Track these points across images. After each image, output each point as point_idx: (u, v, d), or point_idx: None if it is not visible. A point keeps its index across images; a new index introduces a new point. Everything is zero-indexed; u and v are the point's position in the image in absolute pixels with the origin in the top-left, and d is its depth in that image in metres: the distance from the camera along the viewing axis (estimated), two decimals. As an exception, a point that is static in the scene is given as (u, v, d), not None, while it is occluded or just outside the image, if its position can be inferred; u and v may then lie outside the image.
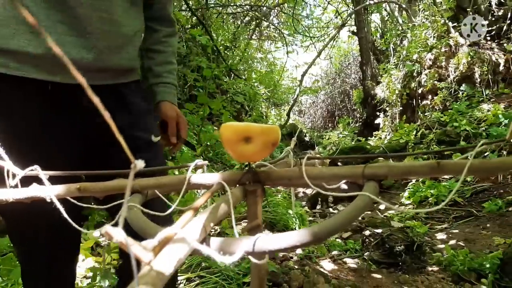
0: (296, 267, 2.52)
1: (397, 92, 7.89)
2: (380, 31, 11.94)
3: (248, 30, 11.40)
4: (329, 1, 11.88)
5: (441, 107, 6.58)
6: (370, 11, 11.08)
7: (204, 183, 0.55)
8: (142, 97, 1.24)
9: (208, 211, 0.40)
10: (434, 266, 2.69)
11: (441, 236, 3.39)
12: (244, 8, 10.41)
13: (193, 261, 2.28)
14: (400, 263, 2.70)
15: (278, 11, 11.66)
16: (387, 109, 8.56)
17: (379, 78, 9.39)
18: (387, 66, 8.60)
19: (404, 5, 9.18)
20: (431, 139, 5.56)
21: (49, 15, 0.94)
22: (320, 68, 16.53)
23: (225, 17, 10.12)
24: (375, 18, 12.67)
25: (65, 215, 0.53)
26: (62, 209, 0.53)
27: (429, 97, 7.05)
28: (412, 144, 5.97)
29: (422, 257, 2.76)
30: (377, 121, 9.08)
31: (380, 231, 3.02)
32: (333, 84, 15.26)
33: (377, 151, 6.25)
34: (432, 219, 3.97)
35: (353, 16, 9.97)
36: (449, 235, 3.37)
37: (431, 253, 2.89)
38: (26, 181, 0.57)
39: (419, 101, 7.31)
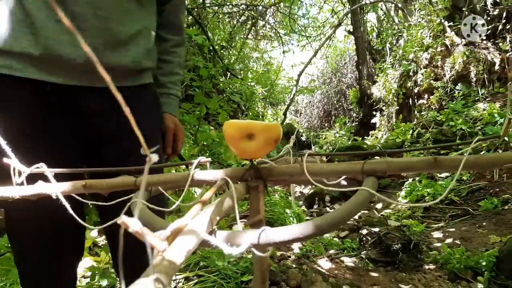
0: (294, 266, 2.53)
1: (393, 92, 7.93)
2: (376, 31, 11.99)
3: (244, 30, 11.41)
4: (325, 1, 11.90)
5: (437, 106, 6.62)
6: (366, 11, 11.12)
7: (208, 180, 0.56)
8: (148, 103, 1.22)
9: (214, 206, 0.41)
10: (431, 264, 2.71)
11: (438, 235, 3.42)
12: (240, 8, 10.42)
13: (191, 260, 2.29)
14: (397, 262, 2.72)
15: (274, 11, 11.68)
16: (384, 109, 8.60)
17: (375, 78, 9.43)
18: (383, 66, 8.64)
19: (400, 5, 9.22)
20: (428, 138, 5.59)
21: (48, 15, 0.95)
22: (316, 68, 16.57)
23: (221, 17, 10.13)
24: (371, 18, 12.73)
25: (71, 212, 0.54)
26: (68, 206, 0.54)
27: (425, 97, 7.09)
28: (409, 143, 6.00)
29: (419, 256, 2.79)
30: (374, 121, 9.12)
31: (377, 230, 3.04)
32: (329, 84, 15.29)
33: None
34: (429, 218, 4.00)
35: (349, 16, 10.01)
36: (446, 234, 3.40)
37: (428, 252, 2.91)
38: (31, 179, 0.59)
39: (415, 101, 7.35)
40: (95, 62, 0.20)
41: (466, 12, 6.63)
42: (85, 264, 2.21)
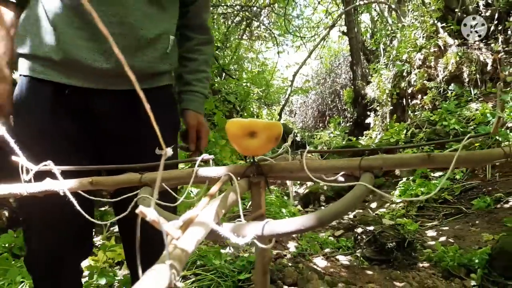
0: (290, 265, 2.55)
1: (387, 92, 7.98)
2: (370, 31, 12.04)
3: (239, 30, 11.43)
4: (319, 1, 11.95)
5: (431, 107, 6.67)
6: (360, 12, 11.17)
7: (211, 176, 0.58)
8: (164, 106, 1.25)
9: (219, 200, 0.43)
10: (425, 262, 2.74)
11: (432, 233, 3.46)
12: (235, 8, 10.44)
13: (189, 259, 2.31)
14: (392, 260, 2.75)
15: (269, 11, 11.70)
16: (378, 109, 8.65)
17: (369, 78, 9.48)
18: (377, 66, 8.68)
19: (394, 6, 9.28)
20: (421, 138, 5.64)
21: (70, 23, 1.02)
22: (311, 68, 16.58)
23: (216, 17, 10.13)
24: (365, 19, 12.79)
25: (79, 208, 0.56)
26: (75, 202, 0.56)
27: (419, 97, 7.15)
28: (403, 143, 6.05)
29: (413, 254, 2.82)
30: (368, 121, 9.16)
31: (372, 229, 3.07)
32: (324, 84, 15.30)
33: (368, 150, 6.31)
34: (423, 217, 4.04)
35: (343, 17, 10.05)
36: (439, 232, 3.44)
37: (422, 250, 2.94)
38: (40, 176, 0.60)
39: (409, 101, 7.41)
40: (124, 67, 0.22)
41: (459, 13, 6.70)
42: (83, 264, 2.21)
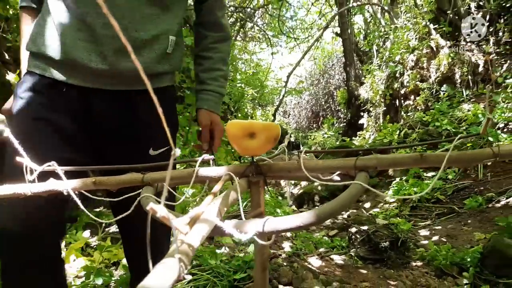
0: (285, 264, 2.57)
1: (381, 93, 8.03)
2: (363, 33, 12.11)
3: (233, 31, 11.44)
4: (313, 3, 12.00)
5: (423, 107, 6.73)
6: (353, 13, 11.24)
7: (211, 176, 0.60)
8: (163, 107, 1.22)
9: (221, 198, 0.45)
10: (418, 261, 2.77)
11: (424, 233, 3.49)
12: (229, 9, 10.45)
13: (184, 260, 2.31)
14: (385, 259, 2.78)
15: (263, 12, 11.73)
16: (371, 110, 8.70)
17: (363, 79, 9.54)
18: (371, 67, 8.74)
19: (386, 7, 9.34)
20: (414, 139, 5.69)
21: (71, 25, 1.06)
22: (305, 69, 16.64)
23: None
24: (358, 20, 12.87)
25: (82, 207, 0.57)
26: (79, 202, 0.57)
27: (412, 98, 7.21)
28: (396, 144, 6.09)
29: (406, 253, 2.85)
30: (361, 121, 9.21)
31: (366, 228, 3.10)
32: (317, 85, 15.36)
33: (362, 151, 6.35)
34: (416, 216, 4.08)
35: (337, 18, 10.10)
36: (432, 232, 3.47)
37: (415, 249, 2.98)
38: (43, 176, 0.62)
39: (402, 101, 7.47)
40: (139, 69, 0.24)
41: (451, 15, 6.76)
42: (78, 265, 2.22)
